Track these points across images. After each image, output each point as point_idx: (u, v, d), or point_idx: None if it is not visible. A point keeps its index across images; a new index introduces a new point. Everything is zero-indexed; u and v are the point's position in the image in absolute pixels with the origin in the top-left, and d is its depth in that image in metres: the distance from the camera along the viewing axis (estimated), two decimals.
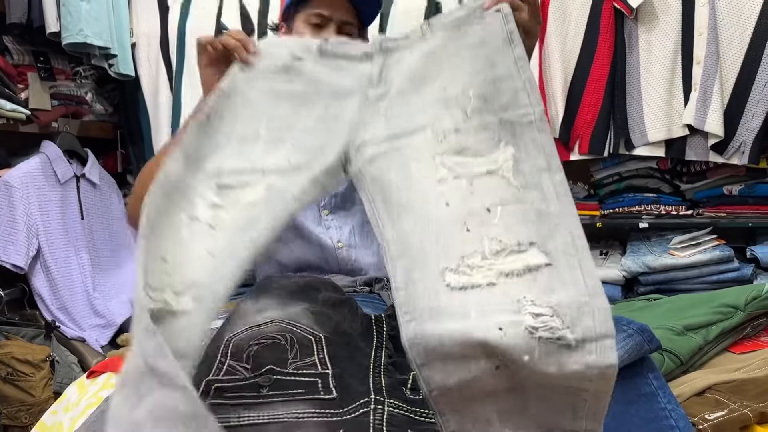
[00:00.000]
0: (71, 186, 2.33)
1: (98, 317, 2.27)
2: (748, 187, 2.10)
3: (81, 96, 2.48)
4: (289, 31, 1.51)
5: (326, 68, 1.02)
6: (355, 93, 0.99)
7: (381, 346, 0.93)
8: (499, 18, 0.91)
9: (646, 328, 0.93)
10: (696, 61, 2.00)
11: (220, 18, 2.45)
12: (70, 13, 2.11)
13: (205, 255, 0.83)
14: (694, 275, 2.01)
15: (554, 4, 2.10)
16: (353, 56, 1.01)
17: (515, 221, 0.76)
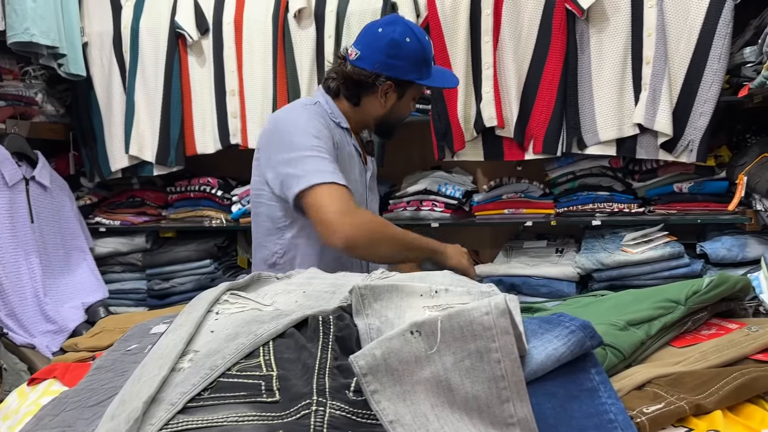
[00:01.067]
0: (20, 189, 2.27)
1: (49, 323, 2.22)
2: (698, 185, 2.16)
3: (30, 97, 2.42)
4: (397, 97, 1.73)
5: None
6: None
7: (327, 347, 0.92)
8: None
9: (588, 325, 0.94)
10: (645, 61, 2.04)
11: (174, 16, 2.42)
12: (15, 11, 2.06)
13: (206, 331, 1.00)
14: (646, 271, 2.06)
15: (507, 6, 2.12)
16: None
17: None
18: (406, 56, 1.66)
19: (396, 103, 1.74)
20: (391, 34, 1.65)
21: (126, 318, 1.48)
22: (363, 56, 1.67)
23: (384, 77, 1.68)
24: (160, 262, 2.59)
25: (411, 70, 1.69)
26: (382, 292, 1.04)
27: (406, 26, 1.67)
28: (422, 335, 0.78)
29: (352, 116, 1.76)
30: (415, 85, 1.73)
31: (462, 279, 1.19)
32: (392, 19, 1.70)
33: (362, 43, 1.70)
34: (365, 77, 1.68)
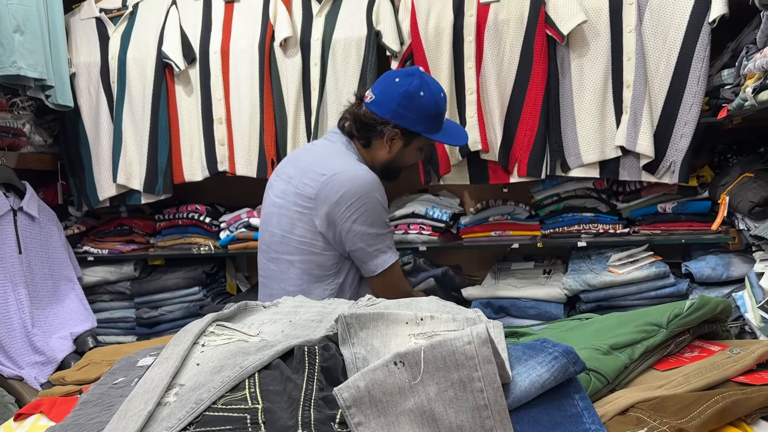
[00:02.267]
0: (8, 220, 2.27)
1: (38, 354, 2.21)
2: (681, 205, 2.18)
3: (18, 128, 2.42)
4: (403, 144, 1.81)
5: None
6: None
7: (312, 379, 0.93)
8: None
9: (570, 350, 0.95)
10: (626, 84, 2.07)
11: (161, 46, 2.44)
12: (2, 45, 2.08)
13: (192, 364, 1.01)
14: (632, 291, 2.07)
15: (489, 33, 2.16)
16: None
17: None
18: (417, 109, 1.75)
19: (401, 151, 1.83)
20: (407, 86, 1.74)
21: (113, 350, 1.47)
22: (378, 101, 1.77)
23: (392, 125, 1.77)
24: (148, 290, 2.58)
25: (420, 123, 1.78)
26: (367, 320, 1.04)
27: (422, 80, 1.76)
28: (406, 365, 0.79)
29: (365, 156, 1.84)
30: (422, 137, 1.81)
31: (448, 305, 1.20)
32: (411, 72, 1.79)
33: (379, 89, 1.79)
34: (374, 122, 1.77)
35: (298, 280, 1.78)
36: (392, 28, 2.26)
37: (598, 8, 2.07)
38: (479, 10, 2.17)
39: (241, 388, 0.94)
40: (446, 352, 0.79)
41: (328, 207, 1.71)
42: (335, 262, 1.78)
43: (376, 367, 0.79)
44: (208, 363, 1.03)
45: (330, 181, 1.71)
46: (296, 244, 1.77)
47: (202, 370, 1.01)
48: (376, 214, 1.74)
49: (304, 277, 1.78)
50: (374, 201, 1.74)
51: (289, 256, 1.78)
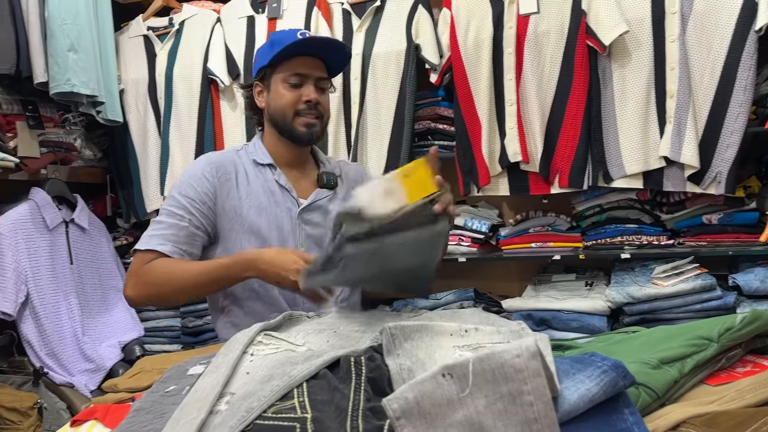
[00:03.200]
0: (60, 231, 2.35)
1: (87, 362, 2.27)
2: (727, 216, 2.14)
3: (70, 143, 2.52)
4: (266, 91, 1.68)
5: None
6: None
7: (359, 389, 0.94)
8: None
9: (620, 364, 0.94)
10: (669, 94, 2.05)
11: (206, 63, 2.51)
12: (58, 64, 2.16)
13: (242, 373, 1.04)
14: (678, 304, 2.03)
15: (529, 44, 2.16)
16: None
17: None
18: (259, 54, 1.71)
19: (269, 97, 1.69)
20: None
21: (163, 358, 1.51)
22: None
23: (252, 83, 1.73)
24: (193, 300, 2.63)
25: (261, 60, 1.69)
26: (412, 331, 1.05)
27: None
28: (454, 378, 0.79)
29: (275, 145, 1.72)
30: (275, 73, 1.66)
31: (491, 317, 1.20)
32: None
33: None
34: (248, 96, 1.75)
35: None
36: (431, 41, 2.28)
37: (641, 18, 2.05)
38: (519, 22, 2.17)
39: (289, 397, 0.96)
40: (495, 365, 0.79)
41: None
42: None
43: (424, 379, 0.80)
44: (258, 372, 1.05)
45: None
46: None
47: (251, 378, 1.03)
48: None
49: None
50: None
51: None
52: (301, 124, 1.65)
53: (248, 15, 2.53)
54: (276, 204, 1.66)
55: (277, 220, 1.65)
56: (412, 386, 0.79)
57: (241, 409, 0.93)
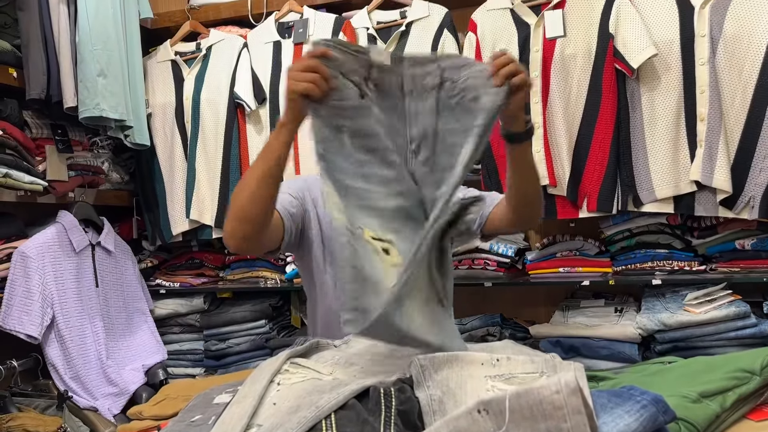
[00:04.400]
0: (86, 254, 2.37)
1: (111, 386, 2.27)
2: (761, 241, 2.08)
3: (98, 166, 2.55)
4: None
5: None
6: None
7: (390, 422, 0.92)
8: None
9: (660, 399, 0.92)
10: (700, 118, 2.02)
11: (233, 87, 2.53)
12: (87, 89, 2.19)
13: (269, 403, 1.03)
14: (711, 332, 1.98)
15: (556, 66, 2.15)
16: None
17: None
18: None
19: None
20: None
21: (188, 385, 1.51)
22: None
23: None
24: (217, 323, 2.63)
25: None
26: (442, 362, 1.03)
27: None
28: (490, 414, 0.77)
29: None
30: None
31: (523, 349, 1.17)
32: None
33: None
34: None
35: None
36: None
37: (670, 41, 2.03)
38: (545, 46, 2.16)
39: (318, 429, 0.94)
40: (533, 402, 0.76)
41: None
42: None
43: (459, 416, 0.78)
44: (285, 402, 1.04)
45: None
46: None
47: (278, 410, 1.02)
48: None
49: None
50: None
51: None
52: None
53: (274, 40, 2.55)
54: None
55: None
56: (447, 422, 0.78)
57: None
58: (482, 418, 0.78)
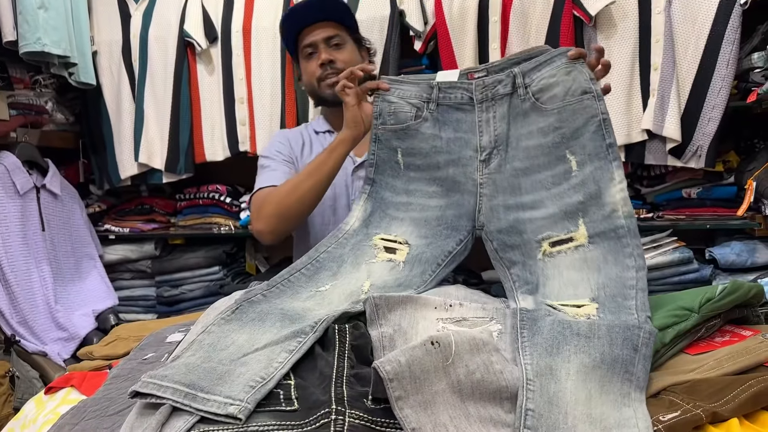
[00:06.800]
0: (31, 197, 2.28)
1: (60, 330, 2.23)
2: (706, 190, 2.16)
3: (41, 105, 2.43)
4: (297, 63, 1.85)
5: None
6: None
7: (343, 356, 0.93)
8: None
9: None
10: (653, 67, 2.04)
11: (182, 25, 2.43)
12: (27, 22, 2.07)
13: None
14: (656, 277, 2.05)
15: (515, 13, 2.13)
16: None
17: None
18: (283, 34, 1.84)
19: (303, 78, 1.85)
20: None
21: (139, 326, 1.49)
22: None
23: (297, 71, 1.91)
24: (169, 269, 2.60)
25: (287, 39, 1.84)
26: (396, 302, 1.05)
27: None
28: (441, 346, 0.80)
29: (329, 114, 1.89)
30: (296, 54, 1.83)
31: (476, 293, 1.19)
32: None
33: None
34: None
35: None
36: (416, 7, 2.24)
37: None
38: None
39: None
40: (469, 338, 0.83)
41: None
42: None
43: (415, 346, 0.80)
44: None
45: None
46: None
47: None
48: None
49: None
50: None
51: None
52: (325, 88, 1.76)
53: None
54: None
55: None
56: (404, 351, 0.79)
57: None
58: (435, 349, 0.80)
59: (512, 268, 1.20)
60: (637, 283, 1.05)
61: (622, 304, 1.03)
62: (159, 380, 0.82)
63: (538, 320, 0.99)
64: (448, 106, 1.31)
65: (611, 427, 0.79)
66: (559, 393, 0.83)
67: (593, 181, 1.14)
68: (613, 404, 0.83)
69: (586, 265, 1.11)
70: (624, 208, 1.11)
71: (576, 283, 1.10)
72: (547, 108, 1.21)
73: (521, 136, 1.24)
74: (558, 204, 1.18)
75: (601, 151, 1.15)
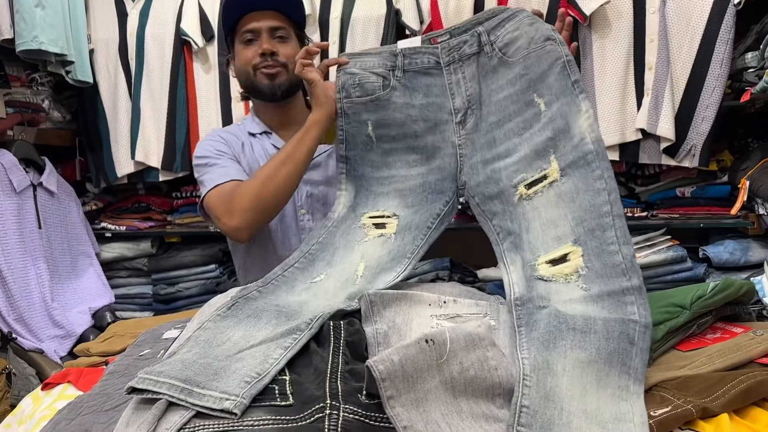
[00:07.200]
0: (28, 195, 2.29)
1: (57, 328, 2.24)
2: (700, 189, 2.17)
3: (37, 103, 2.44)
4: (234, 60, 1.66)
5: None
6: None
7: (338, 352, 0.94)
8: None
9: None
10: (648, 66, 2.05)
11: (179, 23, 2.44)
12: (24, 20, 2.08)
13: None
14: (649, 275, 2.07)
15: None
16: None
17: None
18: (224, 15, 1.65)
19: (235, 63, 1.65)
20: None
21: (136, 323, 1.50)
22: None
23: (226, 53, 1.72)
24: (165, 267, 2.60)
25: (225, 32, 1.67)
26: (391, 299, 1.05)
27: None
28: (435, 344, 0.81)
29: (263, 112, 1.69)
30: (235, 39, 1.63)
31: (470, 290, 1.20)
32: None
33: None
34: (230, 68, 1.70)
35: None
36: (412, 6, 2.25)
37: None
38: None
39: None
40: (465, 333, 0.83)
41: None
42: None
43: (408, 344, 0.80)
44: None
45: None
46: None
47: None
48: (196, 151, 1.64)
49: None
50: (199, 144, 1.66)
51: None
52: (262, 77, 1.59)
53: None
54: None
55: None
56: (398, 350, 0.80)
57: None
58: (429, 347, 0.80)
59: (494, 219, 1.19)
60: (612, 208, 1.04)
61: (603, 239, 1.02)
62: (155, 376, 0.83)
63: (533, 313, 1.00)
64: (415, 72, 1.28)
65: (606, 422, 0.79)
66: (555, 388, 0.84)
67: (561, 117, 1.12)
68: (610, 398, 0.83)
69: (561, 199, 1.09)
70: (591, 134, 1.08)
71: (555, 221, 1.09)
72: (513, 60, 1.20)
73: (492, 92, 1.23)
74: (529, 145, 1.16)
75: (567, 88, 1.13)
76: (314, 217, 1.63)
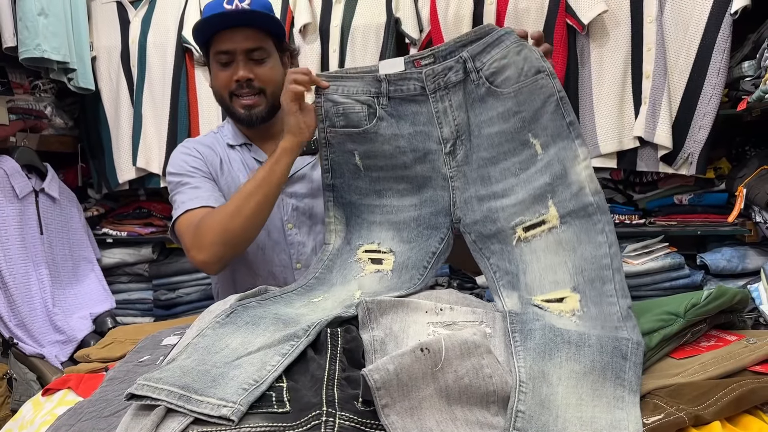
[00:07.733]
0: (30, 201, 2.30)
1: (58, 333, 2.25)
2: (697, 197, 2.18)
3: (40, 110, 2.46)
4: (210, 71, 1.59)
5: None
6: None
7: (335, 359, 0.95)
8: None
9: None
10: (645, 75, 2.07)
11: (181, 31, 2.46)
12: (27, 28, 2.09)
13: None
14: (647, 282, 2.08)
15: (509, 21, 2.16)
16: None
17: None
18: (195, 32, 1.56)
19: (212, 82, 1.59)
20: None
21: (136, 329, 1.51)
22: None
23: (203, 61, 1.63)
24: (166, 273, 2.61)
25: (197, 38, 1.58)
26: (388, 306, 1.06)
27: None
28: (431, 352, 0.82)
29: (245, 128, 1.63)
30: (210, 50, 1.54)
31: (467, 297, 1.21)
32: None
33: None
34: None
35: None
36: (412, 15, 2.26)
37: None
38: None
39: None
40: (461, 341, 0.84)
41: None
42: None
43: (403, 353, 0.81)
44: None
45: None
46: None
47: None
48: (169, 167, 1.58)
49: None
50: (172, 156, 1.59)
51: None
52: (239, 106, 1.53)
53: None
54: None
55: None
56: (393, 358, 0.81)
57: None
58: (424, 356, 0.81)
59: (491, 258, 1.20)
60: (612, 261, 1.05)
61: (602, 291, 1.03)
62: (154, 383, 0.84)
63: (527, 323, 1.01)
64: (401, 99, 1.24)
65: (601, 429, 0.80)
66: (550, 396, 0.85)
67: (558, 161, 1.12)
68: (605, 407, 0.84)
69: (561, 247, 1.10)
70: (591, 185, 1.09)
71: (554, 268, 1.10)
72: (503, 91, 1.17)
73: (482, 123, 1.21)
74: (527, 189, 1.16)
75: (563, 130, 1.12)
76: (301, 230, 1.59)
